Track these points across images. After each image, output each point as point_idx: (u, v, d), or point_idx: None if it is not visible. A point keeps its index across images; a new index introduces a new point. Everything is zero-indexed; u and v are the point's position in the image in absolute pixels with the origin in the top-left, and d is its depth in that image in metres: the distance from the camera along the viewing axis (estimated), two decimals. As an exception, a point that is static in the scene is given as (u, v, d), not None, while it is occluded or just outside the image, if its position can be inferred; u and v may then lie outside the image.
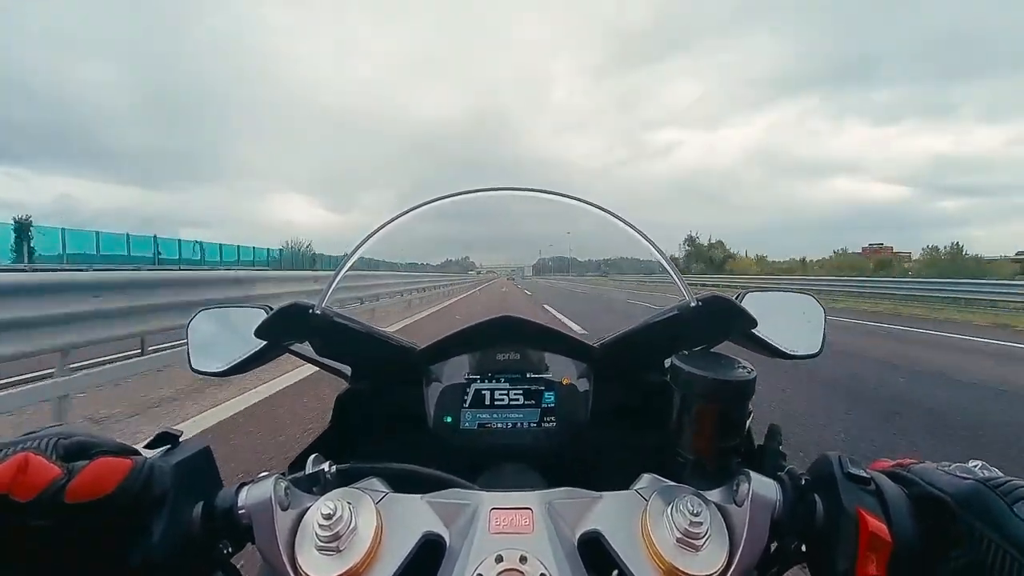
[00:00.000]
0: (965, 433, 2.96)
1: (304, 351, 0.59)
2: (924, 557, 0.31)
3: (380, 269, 10.88)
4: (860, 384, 4.16)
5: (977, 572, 0.29)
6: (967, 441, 2.83)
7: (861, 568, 0.31)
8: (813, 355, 0.56)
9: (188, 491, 0.34)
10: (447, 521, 0.35)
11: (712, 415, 0.40)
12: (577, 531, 0.34)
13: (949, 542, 0.31)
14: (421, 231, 0.65)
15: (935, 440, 2.85)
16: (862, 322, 9.60)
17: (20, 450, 0.28)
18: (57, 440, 0.29)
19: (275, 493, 0.34)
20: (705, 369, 0.40)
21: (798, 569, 0.36)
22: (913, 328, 8.63)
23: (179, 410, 3.23)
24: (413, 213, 0.63)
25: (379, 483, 0.40)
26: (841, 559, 0.32)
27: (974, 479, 0.32)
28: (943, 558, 0.31)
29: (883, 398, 3.72)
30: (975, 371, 4.74)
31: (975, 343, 6.85)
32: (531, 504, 0.36)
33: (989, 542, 0.29)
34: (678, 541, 0.32)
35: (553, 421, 0.58)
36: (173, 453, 0.35)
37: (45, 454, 0.28)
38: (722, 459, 0.40)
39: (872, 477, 0.34)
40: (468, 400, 0.58)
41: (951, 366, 4.99)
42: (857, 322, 9.57)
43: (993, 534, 0.29)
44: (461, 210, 0.62)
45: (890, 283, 17.99)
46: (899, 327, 8.73)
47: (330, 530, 0.32)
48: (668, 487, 0.36)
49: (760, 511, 0.33)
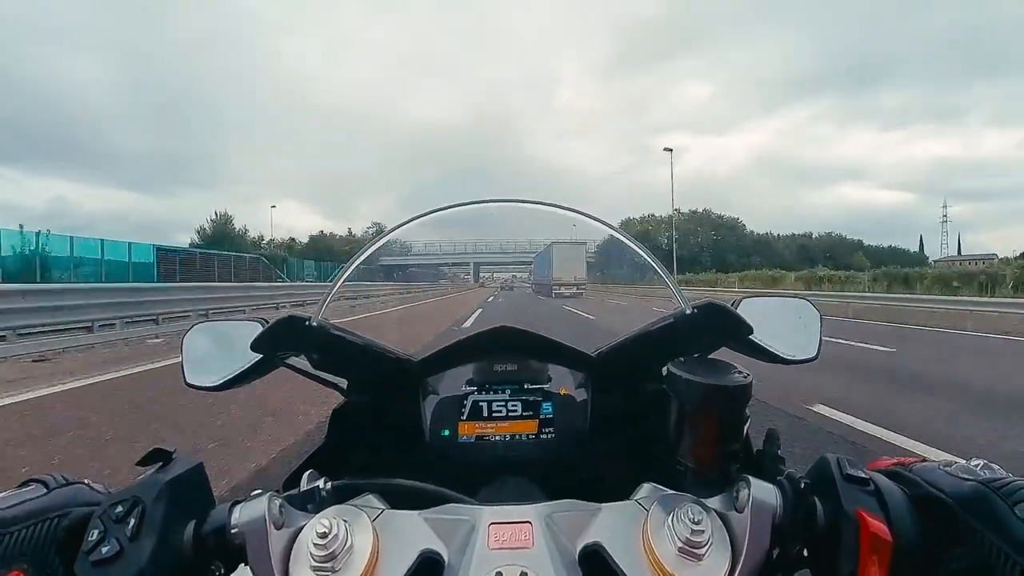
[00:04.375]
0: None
1: (300, 364, 0.58)
2: (926, 557, 0.31)
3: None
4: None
5: (978, 573, 0.29)
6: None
7: (863, 570, 0.31)
8: (810, 359, 0.56)
9: (180, 510, 0.33)
10: (445, 538, 0.34)
11: (710, 421, 0.40)
12: (578, 544, 0.34)
13: (950, 543, 0.31)
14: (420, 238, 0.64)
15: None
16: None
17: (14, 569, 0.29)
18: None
19: (269, 511, 0.33)
20: (701, 375, 0.40)
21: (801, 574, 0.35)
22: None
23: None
24: (409, 225, 0.62)
25: (376, 499, 0.39)
26: (843, 562, 0.32)
27: (976, 480, 0.32)
28: (944, 559, 0.31)
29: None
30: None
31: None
32: (530, 518, 0.35)
33: (990, 544, 0.29)
34: (680, 551, 0.32)
35: (552, 432, 0.58)
36: (166, 470, 0.34)
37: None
38: (721, 465, 0.40)
39: (871, 478, 0.34)
40: (466, 412, 0.58)
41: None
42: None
43: (994, 536, 0.29)
44: (455, 221, 0.62)
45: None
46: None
47: (325, 549, 0.31)
48: (668, 496, 0.36)
49: (761, 517, 0.33)
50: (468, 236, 57.74)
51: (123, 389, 4.22)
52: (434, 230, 0.64)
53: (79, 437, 2.94)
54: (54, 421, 3.27)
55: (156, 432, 3.05)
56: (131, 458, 0.54)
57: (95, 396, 3.98)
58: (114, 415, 3.41)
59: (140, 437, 2.93)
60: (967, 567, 0.30)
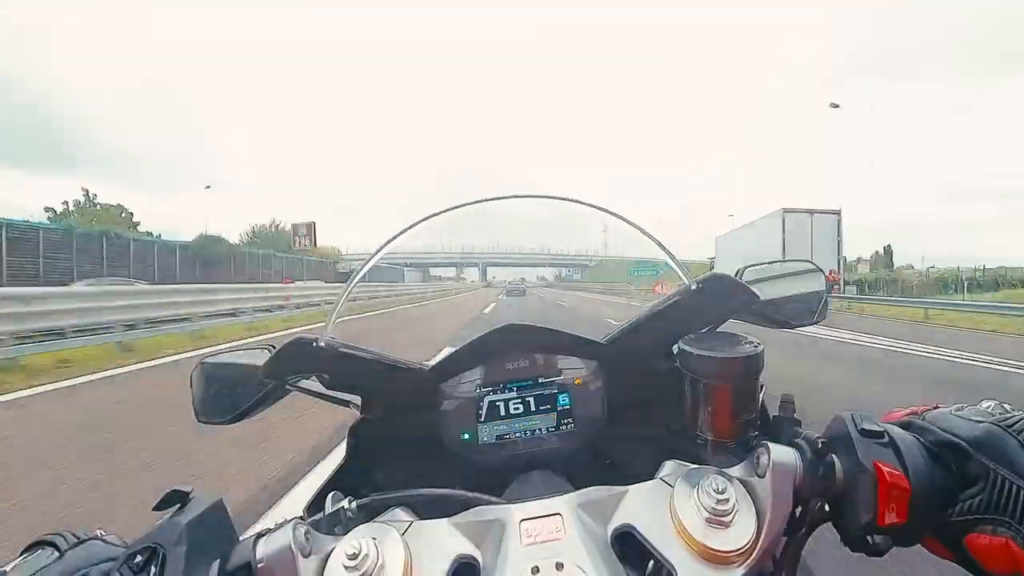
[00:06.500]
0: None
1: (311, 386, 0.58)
2: (942, 499, 0.32)
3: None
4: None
5: (994, 509, 0.30)
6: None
7: (882, 517, 0.32)
8: (816, 321, 0.56)
9: (201, 551, 0.32)
10: (477, 541, 0.35)
11: (724, 393, 0.40)
12: (609, 528, 0.35)
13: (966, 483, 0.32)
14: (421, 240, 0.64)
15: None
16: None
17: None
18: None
19: (295, 540, 0.32)
20: (712, 349, 0.40)
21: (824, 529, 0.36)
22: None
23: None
24: (414, 229, 0.62)
25: (403, 512, 0.40)
26: (863, 512, 0.33)
27: (987, 421, 0.33)
28: (960, 499, 0.32)
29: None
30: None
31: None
32: (559, 509, 0.36)
33: (1004, 479, 0.30)
34: (707, 521, 0.32)
35: (571, 423, 0.58)
36: (183, 512, 0.33)
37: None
38: (740, 435, 0.41)
39: (886, 430, 0.34)
40: (483, 414, 0.58)
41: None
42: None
43: (1007, 471, 0.30)
44: (456, 221, 0.62)
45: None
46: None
47: (357, 570, 0.30)
48: (692, 470, 0.37)
49: (782, 479, 0.34)
50: (472, 237, 55.56)
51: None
52: (439, 231, 0.64)
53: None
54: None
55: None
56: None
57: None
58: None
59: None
60: (982, 504, 0.31)
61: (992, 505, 0.30)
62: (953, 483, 0.32)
